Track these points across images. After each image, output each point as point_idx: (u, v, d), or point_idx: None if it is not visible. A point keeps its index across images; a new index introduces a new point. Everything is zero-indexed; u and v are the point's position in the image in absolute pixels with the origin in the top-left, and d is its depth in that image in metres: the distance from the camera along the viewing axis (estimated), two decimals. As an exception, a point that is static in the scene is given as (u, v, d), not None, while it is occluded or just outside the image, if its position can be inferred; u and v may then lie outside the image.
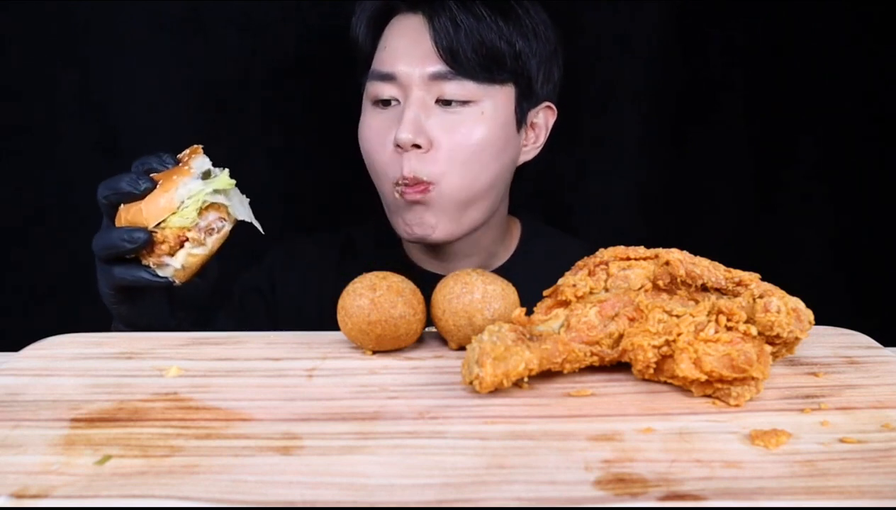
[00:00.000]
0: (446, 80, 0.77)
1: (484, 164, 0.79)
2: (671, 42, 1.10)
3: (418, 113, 0.77)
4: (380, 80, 0.79)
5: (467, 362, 0.48)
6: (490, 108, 0.79)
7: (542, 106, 0.86)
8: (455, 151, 0.77)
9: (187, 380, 0.51)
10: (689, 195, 1.15)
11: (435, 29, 0.77)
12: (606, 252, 0.55)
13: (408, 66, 0.78)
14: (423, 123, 0.77)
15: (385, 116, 0.80)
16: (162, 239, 0.60)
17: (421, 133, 0.76)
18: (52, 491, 0.38)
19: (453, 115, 0.78)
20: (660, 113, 1.12)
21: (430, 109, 0.78)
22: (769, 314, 0.49)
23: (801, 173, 1.13)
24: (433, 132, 0.77)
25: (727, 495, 0.37)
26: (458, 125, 0.78)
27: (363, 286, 0.54)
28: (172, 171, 0.62)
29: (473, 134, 0.78)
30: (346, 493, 0.38)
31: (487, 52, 0.77)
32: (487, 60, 0.77)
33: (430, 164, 0.77)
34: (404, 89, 0.78)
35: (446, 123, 0.77)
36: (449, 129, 0.77)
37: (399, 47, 0.79)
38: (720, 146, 1.13)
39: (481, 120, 0.78)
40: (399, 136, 0.76)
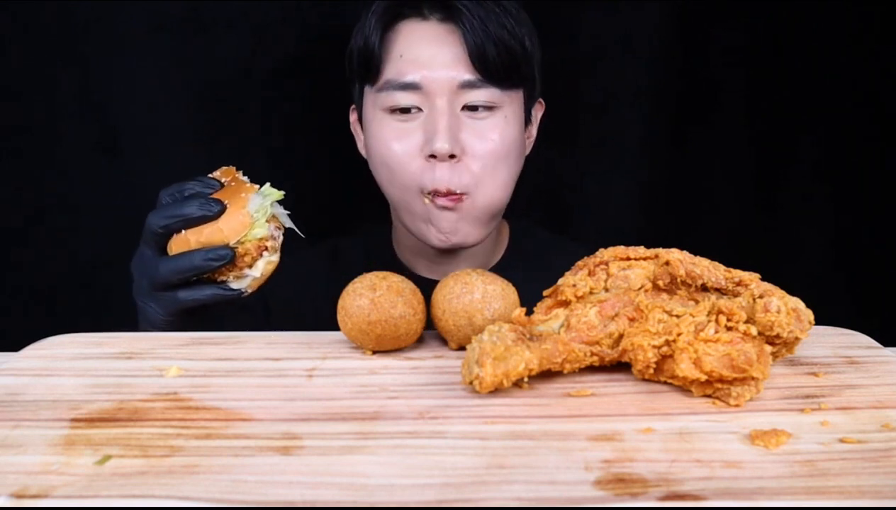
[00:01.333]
0: (475, 87, 0.76)
1: (510, 169, 0.80)
2: (672, 42, 1.10)
3: (450, 120, 0.76)
4: (400, 89, 0.77)
5: (467, 362, 0.48)
6: (511, 112, 0.80)
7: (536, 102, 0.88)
8: (487, 159, 0.77)
9: (187, 380, 0.51)
10: (690, 195, 1.15)
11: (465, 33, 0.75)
12: (606, 252, 0.55)
13: (433, 73, 0.76)
14: (456, 132, 0.76)
15: (408, 126, 0.78)
16: (244, 251, 0.63)
17: (457, 142, 0.76)
18: (52, 491, 0.38)
19: (480, 122, 0.78)
20: (660, 113, 1.12)
21: (458, 117, 0.77)
22: (769, 314, 0.49)
23: (801, 173, 1.13)
24: (466, 140, 0.77)
25: (727, 495, 0.37)
26: (487, 132, 0.78)
27: (363, 286, 0.54)
28: (228, 190, 0.64)
29: (500, 139, 0.78)
30: (346, 493, 0.38)
31: (509, 56, 0.77)
32: (510, 65, 0.77)
33: (463, 173, 0.77)
34: (429, 97, 0.77)
35: (476, 131, 0.77)
36: (480, 137, 0.77)
37: (420, 55, 0.77)
38: (720, 146, 1.13)
39: (505, 124, 0.79)
40: (437, 146, 0.75)
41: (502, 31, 0.76)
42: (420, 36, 0.78)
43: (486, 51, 0.75)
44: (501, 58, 0.76)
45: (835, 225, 1.13)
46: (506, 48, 0.76)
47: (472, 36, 0.75)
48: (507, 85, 0.78)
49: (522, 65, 0.79)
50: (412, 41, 0.78)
